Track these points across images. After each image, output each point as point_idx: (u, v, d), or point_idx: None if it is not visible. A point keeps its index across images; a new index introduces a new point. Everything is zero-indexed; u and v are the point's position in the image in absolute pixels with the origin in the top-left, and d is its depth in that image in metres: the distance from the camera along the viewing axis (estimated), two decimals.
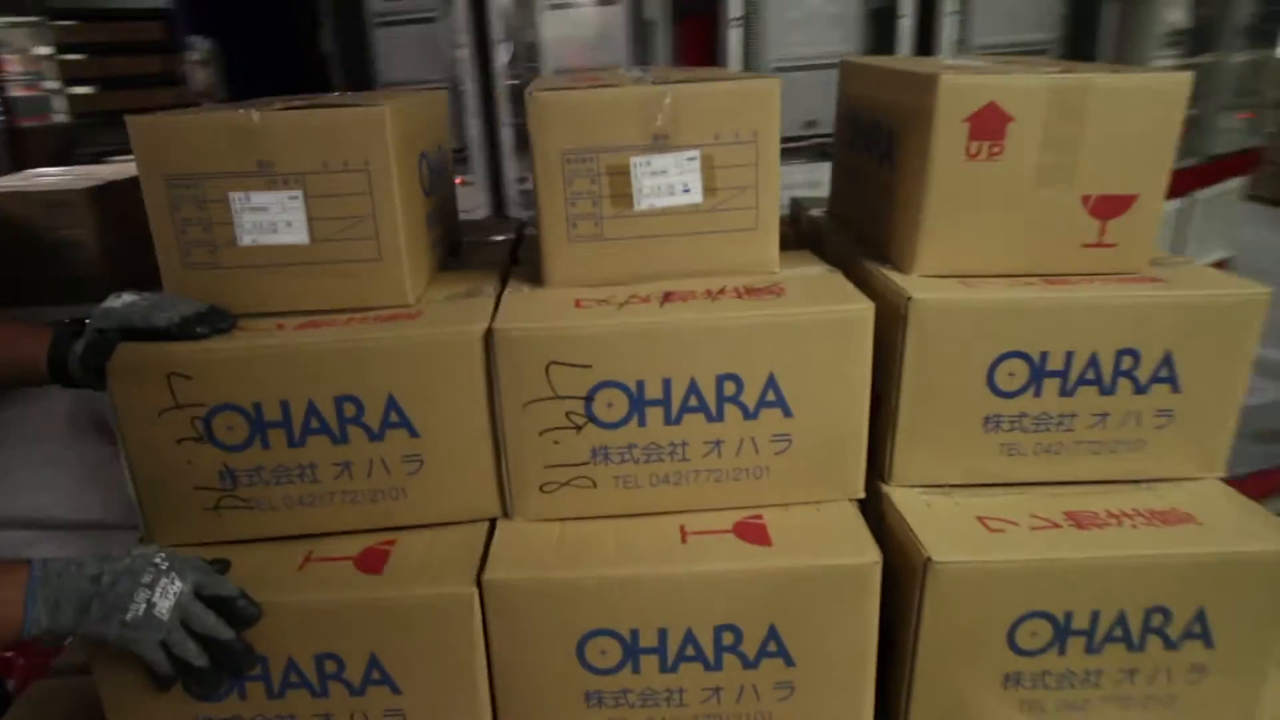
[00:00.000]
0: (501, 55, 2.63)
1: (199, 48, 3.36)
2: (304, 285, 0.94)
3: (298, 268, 0.93)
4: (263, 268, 0.93)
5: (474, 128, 2.66)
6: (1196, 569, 0.83)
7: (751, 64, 2.68)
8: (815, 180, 2.60)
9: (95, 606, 0.78)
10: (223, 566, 0.85)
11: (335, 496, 0.90)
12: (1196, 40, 3.33)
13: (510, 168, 2.70)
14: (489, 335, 0.86)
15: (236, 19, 3.30)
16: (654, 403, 0.87)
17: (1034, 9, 2.71)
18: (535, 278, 0.99)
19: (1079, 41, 2.74)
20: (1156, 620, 0.84)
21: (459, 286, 1.01)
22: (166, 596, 0.79)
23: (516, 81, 2.64)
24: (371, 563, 0.87)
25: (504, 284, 1.02)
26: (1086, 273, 0.95)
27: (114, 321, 0.87)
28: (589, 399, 0.87)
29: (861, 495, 0.93)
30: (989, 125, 0.90)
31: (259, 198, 0.91)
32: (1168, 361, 0.90)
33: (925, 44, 2.67)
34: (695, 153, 0.93)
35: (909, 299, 0.87)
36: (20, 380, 0.95)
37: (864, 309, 0.87)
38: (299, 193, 0.91)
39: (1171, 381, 0.91)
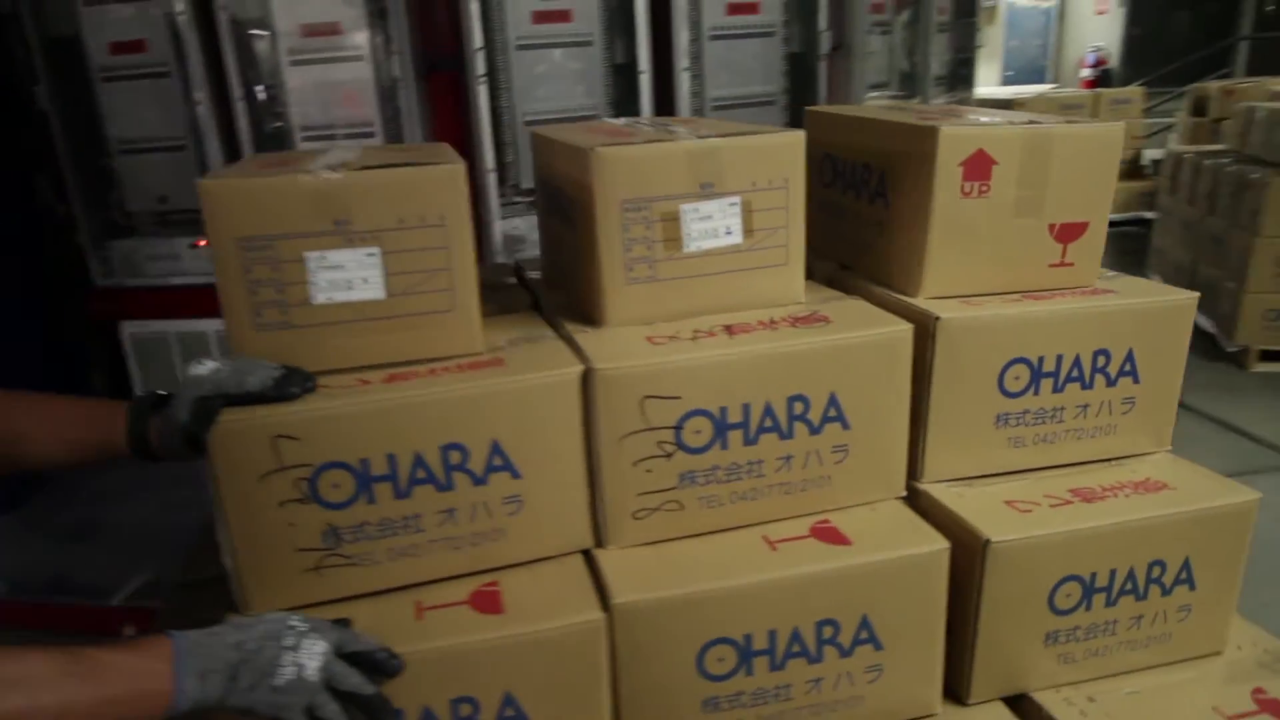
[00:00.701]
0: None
1: None
2: (378, 340, 0.96)
3: (372, 323, 0.95)
4: (336, 325, 0.94)
5: None
6: (1184, 524, 1.01)
7: (502, 119, 2.76)
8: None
9: (244, 674, 0.76)
10: (346, 624, 0.85)
11: (438, 544, 0.92)
12: (904, 85, 3.89)
13: None
14: (587, 376, 0.92)
15: None
16: (734, 426, 0.96)
17: (759, 65, 2.98)
18: (583, 318, 1.06)
19: (801, 92, 3.06)
20: (1156, 572, 1.02)
21: (511, 332, 1.05)
22: (313, 658, 0.79)
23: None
24: (487, 604, 0.90)
25: (551, 326, 1.07)
26: (1052, 288, 1.13)
27: (208, 388, 0.85)
28: (679, 428, 0.94)
29: (904, 493, 1.05)
30: (978, 168, 1.07)
31: (335, 256, 0.92)
32: (1130, 358, 1.09)
33: (665, 98, 2.87)
34: (737, 199, 1.04)
35: (937, 318, 1.01)
36: (96, 458, 0.91)
37: (906, 329, 1.00)
38: (376, 249, 0.93)
39: (1133, 374, 1.10)
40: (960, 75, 4.75)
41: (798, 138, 1.04)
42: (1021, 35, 8.89)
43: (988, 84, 8.25)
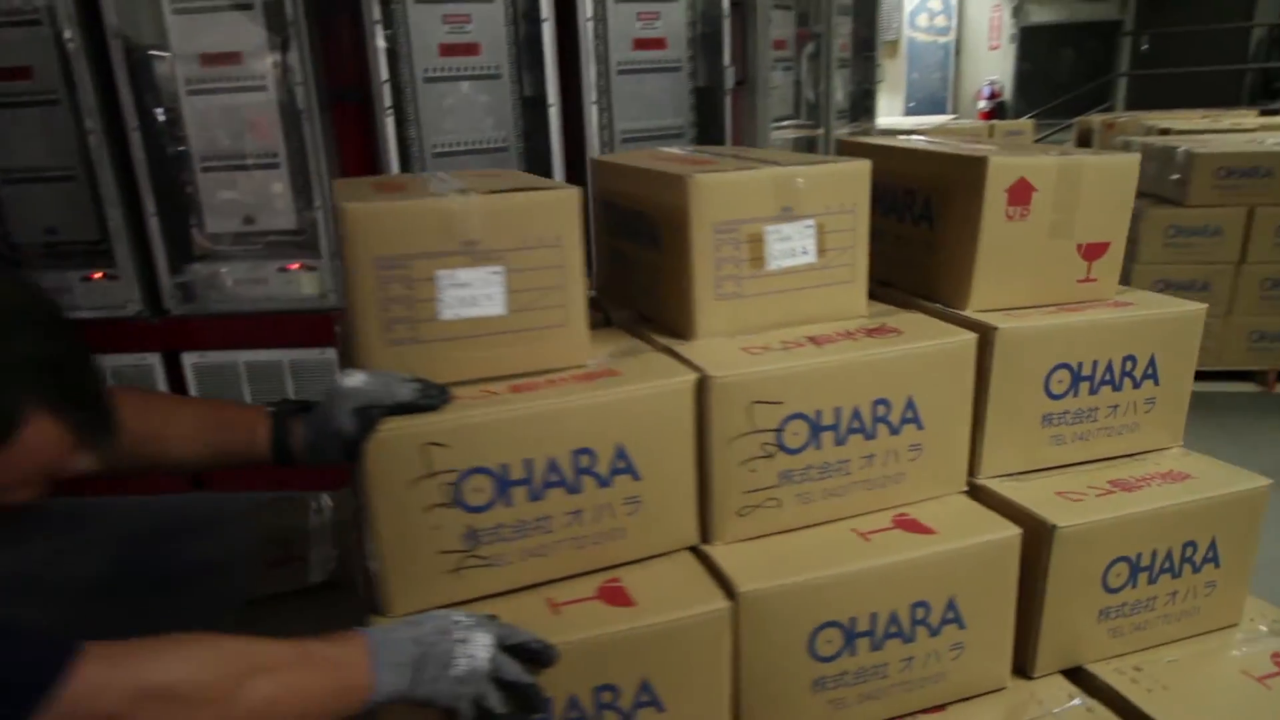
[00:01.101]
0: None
1: None
2: (497, 353, 1.02)
3: (493, 337, 1.01)
4: (459, 339, 1.00)
5: (115, 218, 2.49)
6: (1213, 508, 1.14)
7: (410, 150, 2.77)
8: None
9: (429, 666, 0.81)
10: (494, 618, 0.90)
11: (565, 544, 0.98)
12: (809, 116, 4.13)
13: (162, 259, 2.51)
14: (702, 383, 0.99)
15: None
16: (827, 428, 1.05)
17: (667, 98, 3.10)
18: (671, 332, 1.13)
19: (708, 125, 3.19)
20: (1189, 552, 1.15)
21: (607, 345, 1.12)
22: (482, 649, 0.84)
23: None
24: (617, 598, 0.96)
25: (641, 339, 1.14)
26: (1079, 301, 1.26)
27: (364, 399, 0.90)
28: (780, 430, 1.03)
29: (966, 488, 1.16)
30: (1020, 194, 1.19)
31: (463, 274, 0.98)
32: (1152, 362, 1.22)
33: (575, 131, 2.92)
34: (812, 221, 1.13)
35: (995, 329, 1.12)
36: (236, 461, 0.94)
37: (971, 339, 1.11)
38: (501, 268, 0.99)
39: (1154, 377, 1.23)
40: (863, 107, 5.02)
41: (865, 167, 1.15)
42: (922, 68, 9.36)
43: (892, 114, 8.64)
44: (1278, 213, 3.36)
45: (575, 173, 2.89)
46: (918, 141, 1.38)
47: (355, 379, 0.92)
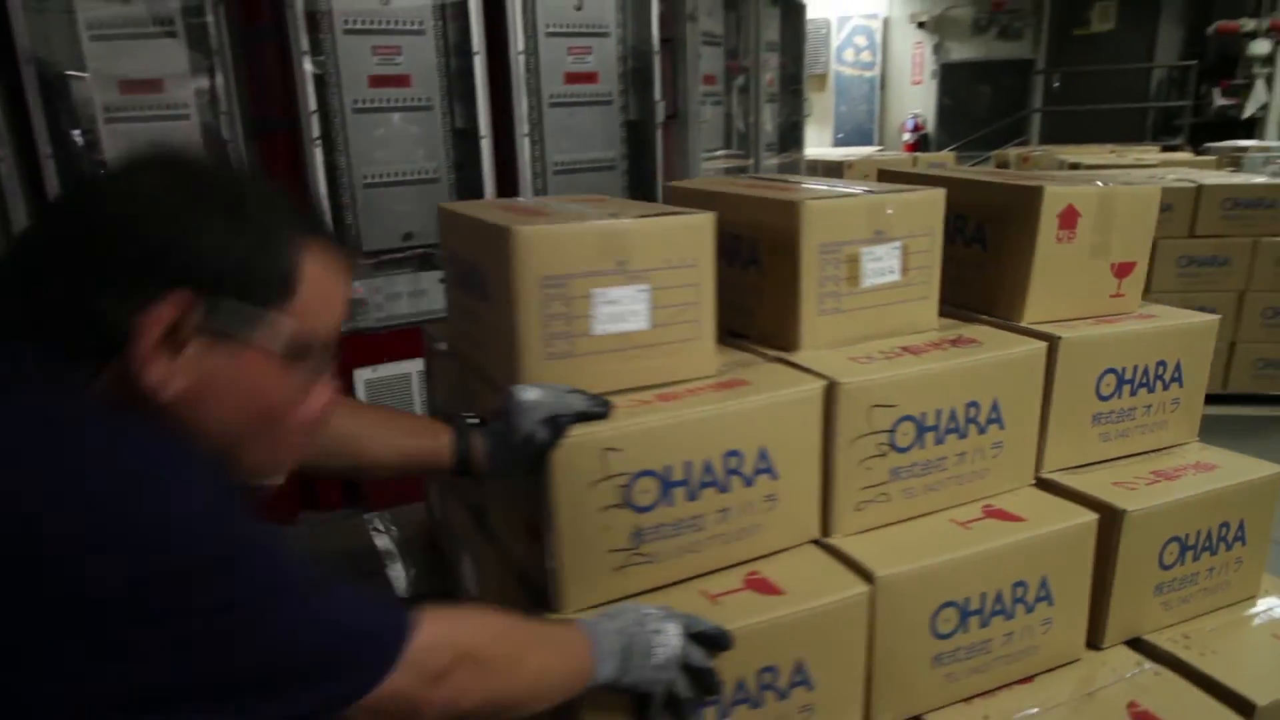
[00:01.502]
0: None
1: None
2: (639, 365, 1.09)
3: (637, 350, 1.09)
4: (608, 352, 1.07)
5: None
6: (1244, 492, 1.30)
7: (339, 181, 2.78)
8: (418, 289, 2.89)
9: (635, 655, 0.88)
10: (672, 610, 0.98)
11: (713, 540, 1.06)
12: (740, 147, 4.37)
13: None
14: (830, 389, 1.09)
15: None
16: (930, 428, 1.16)
17: (599, 131, 3.20)
18: (774, 344, 1.23)
19: (639, 157, 3.32)
20: (1224, 531, 1.30)
21: (721, 358, 1.21)
22: (674, 638, 0.91)
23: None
24: (766, 588, 1.05)
25: (749, 352, 1.24)
26: (1111, 314, 1.41)
27: (548, 410, 0.96)
28: (892, 431, 1.14)
29: (1034, 481, 1.29)
30: (1069, 219, 1.34)
31: (615, 292, 1.06)
32: (1178, 366, 1.38)
33: (507, 163, 3.00)
34: (900, 244, 1.25)
35: (1060, 338, 1.26)
36: (422, 469, 0.99)
37: (1042, 347, 1.24)
38: (647, 286, 1.07)
39: (1180, 380, 1.39)
40: (792, 138, 5.28)
41: (940, 195, 1.27)
42: (850, 101, 9.76)
43: (822, 145, 8.99)
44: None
45: None
46: (968, 171, 1.52)
47: (532, 393, 0.98)
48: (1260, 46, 6.35)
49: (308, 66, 2.65)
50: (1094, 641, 1.26)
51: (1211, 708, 1.15)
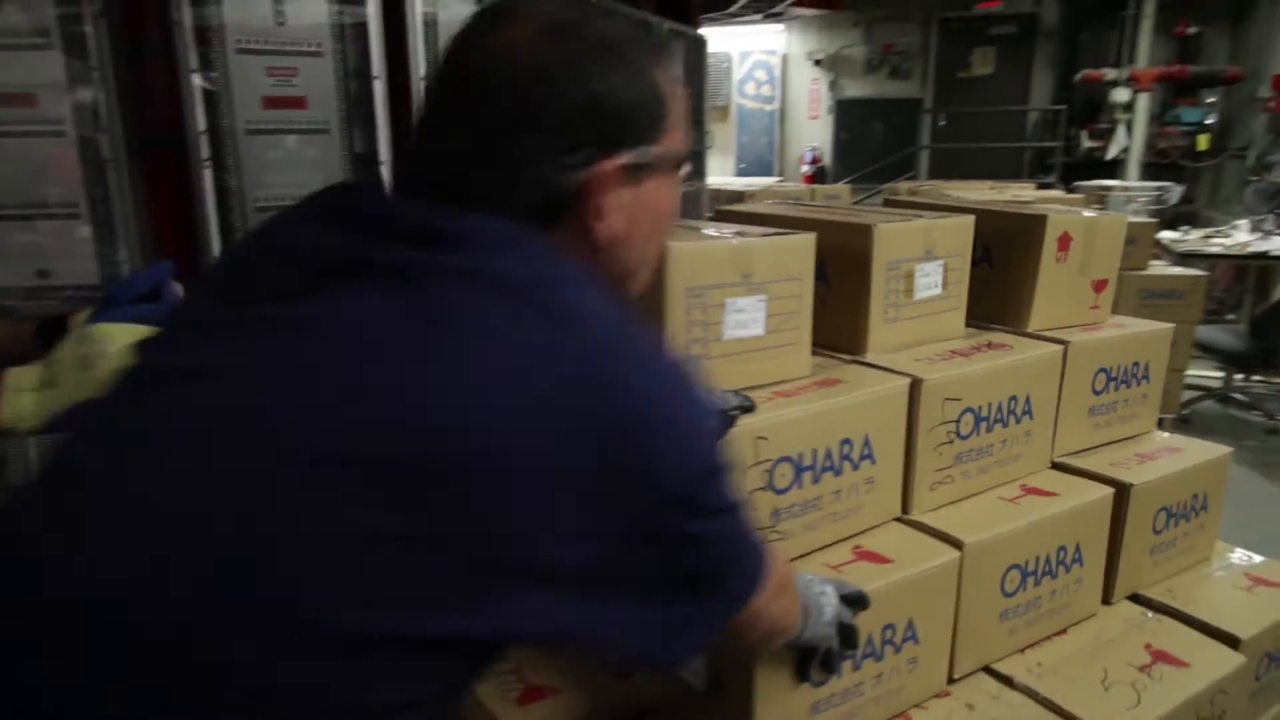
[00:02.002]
0: None
1: None
2: (754, 366, 1.24)
3: (753, 353, 1.23)
4: (732, 355, 1.21)
5: None
6: (1207, 469, 1.57)
7: (230, 203, 2.70)
8: None
9: (812, 614, 1.02)
10: None
11: (826, 518, 1.22)
12: None
13: None
14: (914, 385, 1.27)
15: None
16: (983, 419, 1.36)
17: None
18: (843, 350, 1.40)
19: None
20: (1196, 503, 1.57)
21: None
22: (834, 599, 1.06)
23: None
24: (875, 559, 1.21)
25: (819, 356, 1.40)
26: (1089, 323, 1.67)
27: (717, 405, 1.09)
28: (958, 421, 1.33)
29: (1049, 465, 1.51)
30: (1064, 242, 1.58)
31: (741, 301, 1.20)
32: (1146, 366, 1.65)
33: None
34: (943, 262, 1.45)
35: (1069, 343, 1.49)
36: None
37: (1060, 350, 1.47)
38: (765, 296, 1.22)
39: (1147, 377, 1.66)
40: (695, 168, 5.57)
41: (970, 221, 1.49)
42: (751, 133, 10.13)
43: (725, 174, 9.30)
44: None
45: None
46: (972, 202, 1.75)
47: None
48: (1121, 94, 7.08)
49: (197, 81, 2.55)
50: (1106, 598, 1.48)
51: (1208, 644, 1.39)
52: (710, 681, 1.14)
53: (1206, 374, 4.76)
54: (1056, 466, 1.52)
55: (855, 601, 1.09)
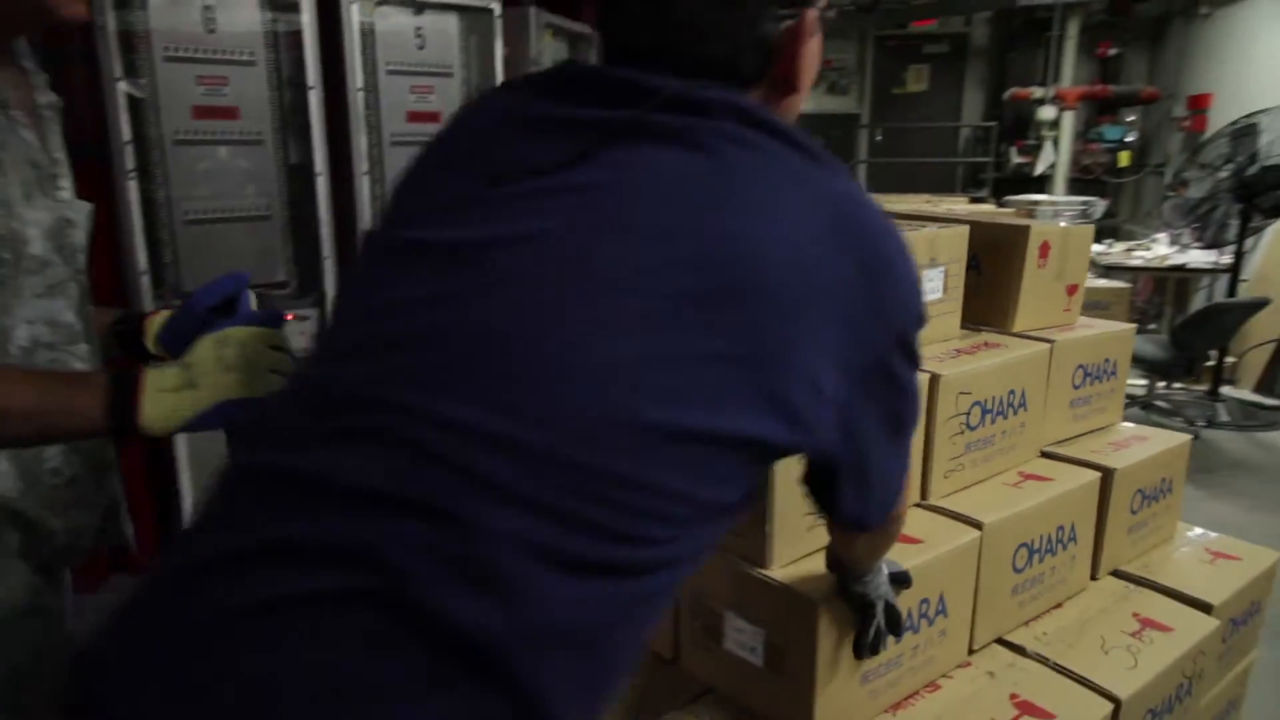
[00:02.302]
0: None
1: None
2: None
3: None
4: None
5: None
6: (1172, 453, 1.74)
7: (158, 215, 2.65)
8: None
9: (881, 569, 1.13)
10: None
11: None
12: None
13: None
14: (933, 380, 1.39)
15: None
16: (989, 411, 1.49)
17: None
18: (993, 326, 1.53)
19: None
20: (1164, 485, 1.73)
21: None
22: (885, 574, 1.16)
23: None
24: (906, 539, 1.31)
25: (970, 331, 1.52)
26: (1063, 324, 1.82)
27: None
28: (968, 413, 1.45)
29: (1039, 454, 1.65)
30: (1044, 250, 1.73)
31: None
32: (1115, 364, 1.81)
33: (345, 200, 2.95)
34: (944, 268, 1.58)
35: (1054, 341, 1.64)
36: None
37: (1048, 348, 1.61)
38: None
39: (1115, 374, 1.82)
40: None
41: (965, 230, 1.62)
42: None
43: None
44: None
45: (345, 244, 2.86)
46: (961, 214, 1.88)
47: None
48: (1047, 112, 7.42)
49: (123, 88, 2.48)
50: (1094, 574, 1.63)
51: (1184, 611, 1.54)
52: (768, 660, 1.22)
53: (1131, 382, 5.08)
54: (1045, 455, 1.66)
55: (900, 580, 1.19)
